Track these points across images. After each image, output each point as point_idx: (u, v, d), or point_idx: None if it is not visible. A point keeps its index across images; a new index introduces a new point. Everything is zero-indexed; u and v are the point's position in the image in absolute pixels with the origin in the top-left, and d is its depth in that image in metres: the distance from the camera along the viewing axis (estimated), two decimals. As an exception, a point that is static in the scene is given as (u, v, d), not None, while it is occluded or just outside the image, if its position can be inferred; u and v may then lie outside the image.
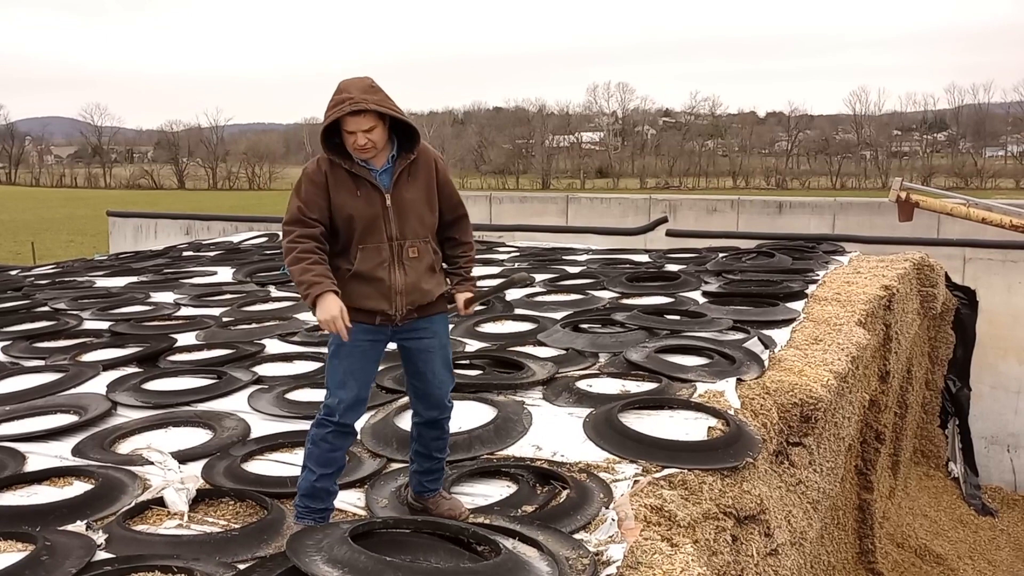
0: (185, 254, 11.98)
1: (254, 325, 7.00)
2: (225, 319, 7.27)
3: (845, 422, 5.82)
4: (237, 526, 3.38)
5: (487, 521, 3.30)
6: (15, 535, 3.27)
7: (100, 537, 3.24)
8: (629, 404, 4.54)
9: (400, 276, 3.16)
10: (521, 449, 4.13)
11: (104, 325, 7.04)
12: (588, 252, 11.22)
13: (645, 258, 10.48)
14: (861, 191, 61.83)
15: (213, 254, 11.70)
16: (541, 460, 3.97)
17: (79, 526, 3.36)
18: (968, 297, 11.07)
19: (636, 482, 3.67)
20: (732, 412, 4.48)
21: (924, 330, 10.25)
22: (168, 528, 3.40)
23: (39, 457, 4.20)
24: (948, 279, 10.73)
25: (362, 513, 3.47)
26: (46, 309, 7.77)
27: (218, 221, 15.95)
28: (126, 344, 6.41)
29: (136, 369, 5.79)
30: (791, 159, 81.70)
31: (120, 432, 4.49)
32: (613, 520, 3.31)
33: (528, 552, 2.96)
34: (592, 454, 4.01)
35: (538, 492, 3.64)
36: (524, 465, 3.88)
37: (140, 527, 3.39)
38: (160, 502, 3.57)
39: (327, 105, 3.10)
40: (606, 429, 4.22)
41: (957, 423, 10.97)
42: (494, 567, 2.79)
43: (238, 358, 5.89)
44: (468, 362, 5.59)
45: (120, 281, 9.49)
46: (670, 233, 13.85)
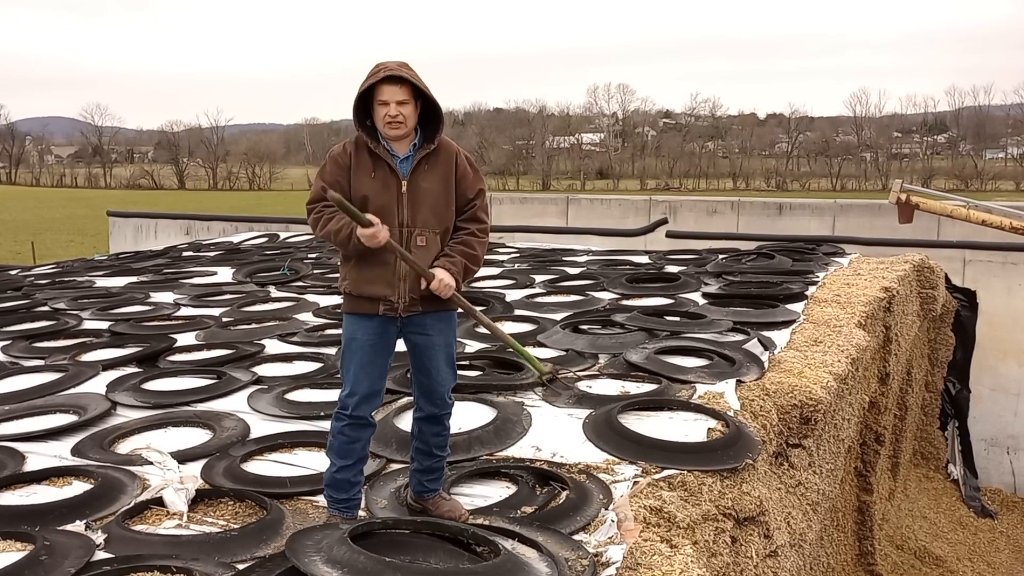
0: (185, 254, 11.97)
1: (254, 325, 7.01)
2: (225, 319, 7.28)
3: (845, 424, 5.82)
4: (236, 526, 3.38)
5: (486, 522, 3.30)
6: (14, 535, 3.27)
7: (99, 537, 3.24)
8: (629, 405, 4.55)
9: (405, 263, 3.17)
10: (521, 450, 4.13)
11: (104, 325, 7.04)
12: (588, 253, 11.22)
13: (645, 259, 10.47)
14: (861, 193, 61.88)
15: (213, 254, 11.70)
16: (540, 461, 3.97)
17: (78, 526, 3.36)
18: (968, 299, 11.06)
19: (636, 483, 3.67)
20: (732, 414, 4.49)
21: (924, 332, 10.25)
22: (167, 528, 3.40)
23: (38, 457, 4.20)
24: (948, 281, 10.73)
25: (362, 513, 3.47)
26: (46, 309, 7.77)
27: (218, 221, 15.96)
28: (126, 344, 6.41)
29: (136, 369, 5.79)
30: (791, 161, 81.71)
31: (119, 432, 4.49)
32: (612, 521, 3.31)
33: (527, 553, 2.96)
34: (592, 455, 4.01)
35: (537, 493, 3.64)
36: (524, 466, 3.88)
37: (139, 527, 3.39)
38: (159, 502, 3.57)
39: (361, 85, 3.13)
40: (606, 430, 4.22)
41: (957, 425, 10.96)
42: (493, 568, 2.79)
43: (238, 358, 5.89)
44: (468, 363, 5.59)
45: (120, 281, 9.48)
46: (670, 234, 13.86)
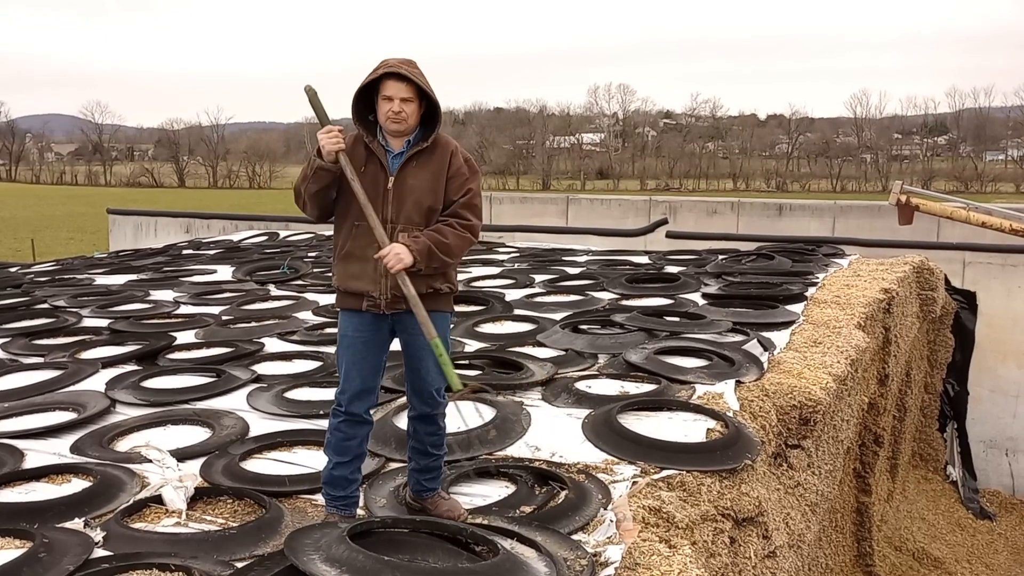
0: (185, 252, 11.98)
1: (253, 324, 7.01)
2: (224, 317, 7.28)
3: (844, 425, 5.82)
4: (235, 524, 3.38)
5: (485, 521, 3.30)
6: (13, 532, 3.27)
7: (98, 534, 3.24)
8: (628, 405, 4.55)
9: None
10: (520, 450, 4.13)
11: (103, 323, 7.04)
12: (588, 253, 11.23)
13: (645, 259, 10.48)
14: (861, 194, 61.85)
15: (213, 252, 11.70)
16: (540, 461, 3.97)
17: (77, 523, 3.36)
18: (967, 301, 11.07)
19: (634, 483, 3.67)
20: (731, 414, 4.49)
21: (923, 333, 10.25)
22: (166, 526, 3.40)
23: (37, 454, 4.20)
24: (948, 283, 10.73)
25: (360, 512, 3.47)
26: (46, 306, 7.77)
27: (218, 219, 15.97)
28: (125, 342, 6.40)
29: (135, 367, 5.79)
30: (791, 162, 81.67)
31: (119, 430, 4.49)
32: (611, 521, 3.31)
33: (526, 553, 2.96)
34: (591, 455, 4.01)
35: (536, 493, 3.64)
36: (523, 466, 3.88)
37: (138, 525, 3.39)
38: (158, 500, 3.57)
39: (364, 78, 3.13)
40: (605, 430, 4.22)
41: (956, 427, 10.96)
42: (492, 567, 2.79)
43: (237, 356, 5.90)
44: (467, 362, 5.59)
45: (120, 279, 9.48)
46: (670, 235, 13.85)
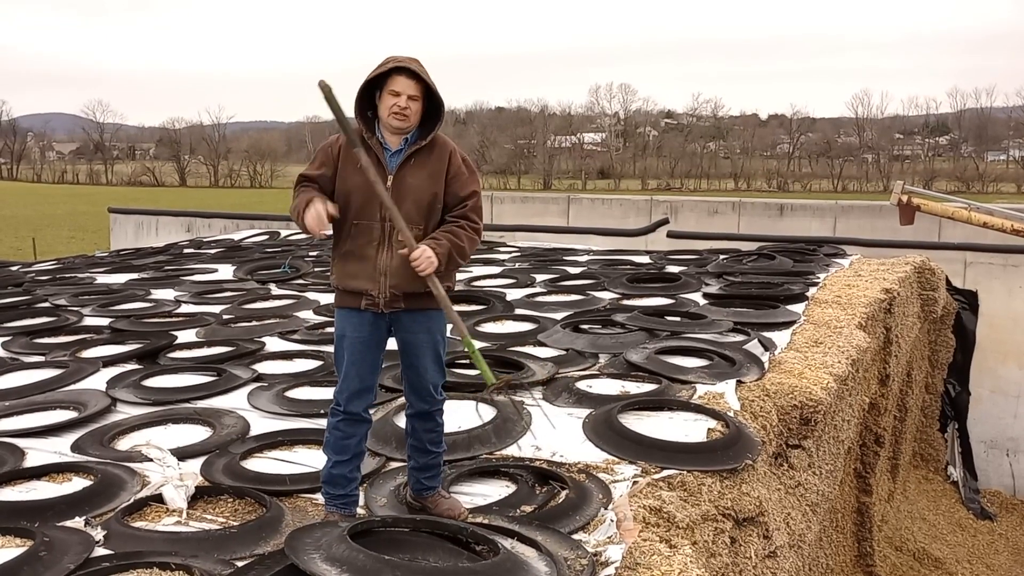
0: (186, 251, 11.98)
1: (254, 323, 7.01)
2: (225, 316, 7.28)
3: (845, 425, 5.82)
4: (236, 524, 3.38)
5: (486, 521, 3.30)
6: (14, 531, 3.27)
7: (98, 533, 3.24)
8: (629, 405, 4.54)
9: (387, 257, 3.17)
10: (520, 449, 4.13)
11: (104, 322, 7.04)
12: (589, 253, 11.22)
13: (646, 259, 10.47)
14: (862, 194, 61.87)
15: (214, 251, 11.71)
16: (540, 460, 3.97)
17: (78, 522, 3.36)
18: (969, 301, 11.06)
19: (635, 483, 3.67)
20: (732, 414, 4.48)
21: (924, 334, 10.25)
22: (167, 525, 3.40)
23: (38, 453, 4.20)
24: (949, 283, 10.73)
25: (361, 512, 3.47)
26: (47, 305, 7.78)
27: (219, 219, 15.98)
28: (126, 341, 6.40)
29: (136, 366, 5.79)
30: (793, 162, 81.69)
31: (119, 429, 4.49)
32: (612, 521, 3.31)
33: (526, 552, 2.95)
34: (591, 455, 4.01)
35: (537, 492, 3.64)
36: (523, 465, 3.88)
37: (139, 524, 3.39)
38: (159, 499, 3.57)
39: (371, 72, 3.13)
40: (605, 430, 4.22)
41: (956, 427, 10.96)
42: (492, 567, 2.78)
43: (238, 356, 5.90)
44: (468, 362, 5.59)
45: (121, 278, 9.49)
46: (671, 234, 13.85)
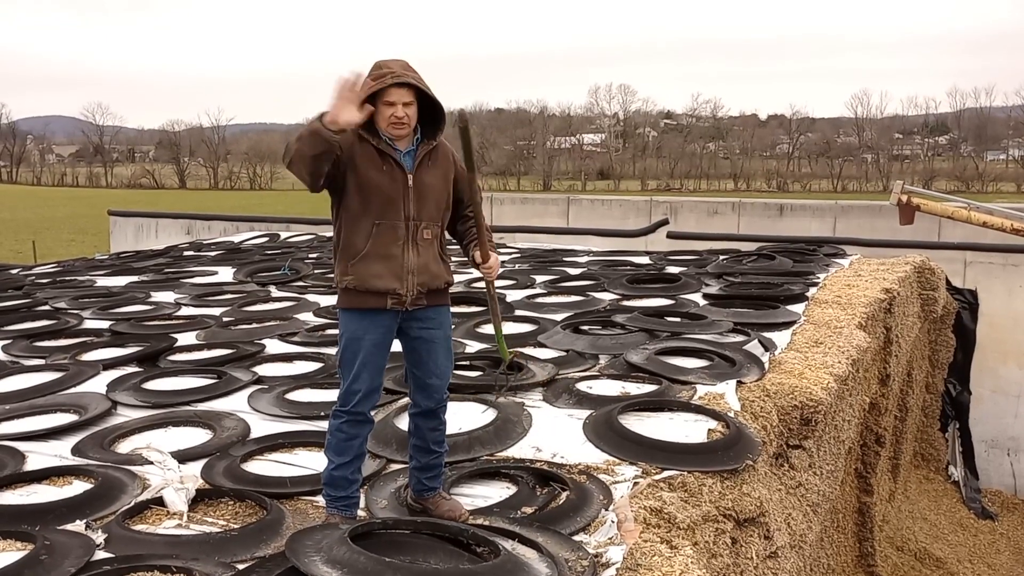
0: (186, 254, 11.98)
1: (254, 325, 7.01)
2: (225, 319, 7.28)
3: (845, 425, 5.82)
4: (236, 526, 3.38)
5: (486, 522, 3.29)
6: (14, 534, 3.27)
7: (99, 537, 3.24)
8: (629, 406, 4.54)
9: (413, 256, 3.21)
10: (521, 450, 4.12)
11: (104, 324, 7.03)
12: (589, 254, 11.22)
13: (646, 260, 10.47)
14: (862, 194, 61.86)
15: (214, 254, 11.70)
16: (541, 462, 3.97)
17: (78, 525, 3.36)
18: (969, 301, 11.06)
19: (636, 484, 3.67)
20: (732, 414, 4.48)
21: (924, 333, 10.25)
22: (167, 528, 3.40)
23: (39, 456, 4.20)
24: (949, 282, 10.73)
25: (361, 514, 3.47)
26: (47, 308, 7.77)
27: (219, 221, 15.96)
28: (126, 343, 6.40)
29: (136, 369, 5.80)
30: (792, 162, 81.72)
31: (120, 432, 4.49)
32: (612, 522, 3.31)
33: (527, 553, 2.96)
34: (592, 456, 4.01)
35: (538, 493, 3.64)
36: (524, 466, 3.88)
37: (139, 527, 3.39)
38: (159, 502, 3.57)
39: (364, 80, 3.13)
40: (606, 431, 4.22)
41: (957, 427, 10.96)
42: (493, 568, 2.78)
43: (238, 358, 5.89)
44: (468, 363, 5.59)
45: (121, 280, 9.48)
46: (671, 235, 13.85)
